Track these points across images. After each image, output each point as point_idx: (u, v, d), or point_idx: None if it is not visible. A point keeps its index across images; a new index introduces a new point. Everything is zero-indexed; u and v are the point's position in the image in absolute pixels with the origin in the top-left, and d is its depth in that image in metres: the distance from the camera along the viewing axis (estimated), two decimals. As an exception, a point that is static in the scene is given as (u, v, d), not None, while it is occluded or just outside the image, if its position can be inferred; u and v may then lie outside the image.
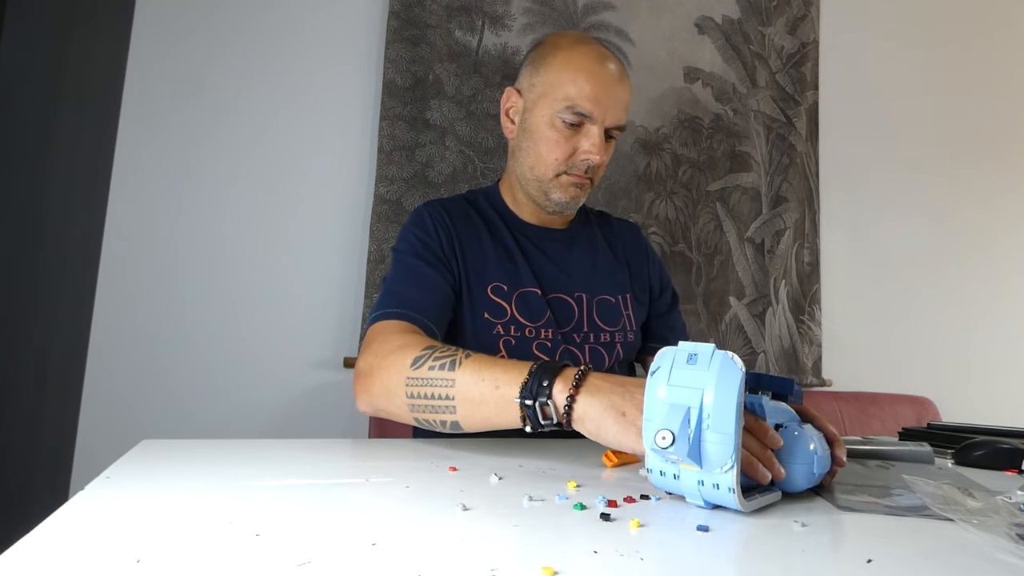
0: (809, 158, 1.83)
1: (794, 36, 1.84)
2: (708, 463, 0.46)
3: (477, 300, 0.92)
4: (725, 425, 0.45)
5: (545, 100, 0.91)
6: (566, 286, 0.97)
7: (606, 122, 0.90)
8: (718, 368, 0.47)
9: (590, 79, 0.88)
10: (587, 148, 0.89)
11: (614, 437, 0.56)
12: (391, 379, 0.72)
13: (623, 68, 0.93)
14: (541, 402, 0.60)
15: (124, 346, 1.36)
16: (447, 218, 0.95)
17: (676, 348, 0.50)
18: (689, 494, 0.49)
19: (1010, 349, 1.95)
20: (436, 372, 0.68)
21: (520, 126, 0.96)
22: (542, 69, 0.93)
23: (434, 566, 0.34)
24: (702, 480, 0.47)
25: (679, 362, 0.49)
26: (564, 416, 0.59)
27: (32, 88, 1.08)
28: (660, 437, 0.46)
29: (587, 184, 0.94)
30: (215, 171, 1.44)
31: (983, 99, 2.00)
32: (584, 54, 0.91)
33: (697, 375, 0.47)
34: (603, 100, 0.89)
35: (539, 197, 0.96)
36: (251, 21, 1.49)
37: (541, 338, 0.92)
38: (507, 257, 0.96)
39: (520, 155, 0.96)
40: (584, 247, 1.02)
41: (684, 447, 0.46)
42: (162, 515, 0.42)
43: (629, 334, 0.99)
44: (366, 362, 0.76)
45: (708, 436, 0.46)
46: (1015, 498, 0.48)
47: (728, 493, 0.46)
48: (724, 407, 0.46)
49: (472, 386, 0.65)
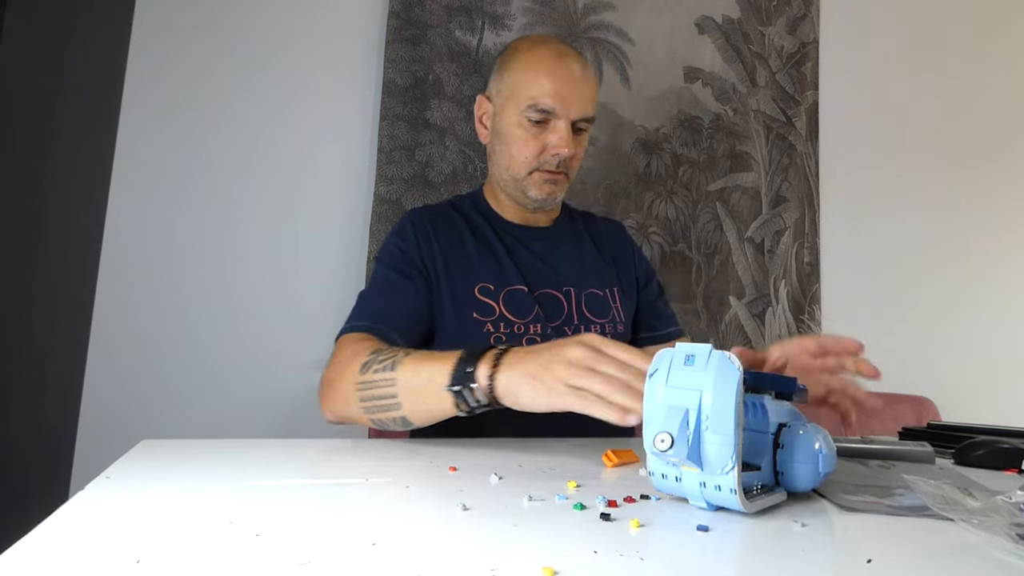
0: (809, 158, 1.83)
1: (794, 36, 1.84)
2: (708, 465, 0.46)
3: (465, 301, 0.95)
4: (724, 426, 0.45)
5: (511, 102, 0.95)
6: (553, 281, 1.00)
7: (571, 115, 0.93)
8: (715, 368, 0.46)
9: (550, 76, 0.92)
10: (555, 143, 0.93)
11: (531, 401, 0.59)
12: (344, 386, 0.76)
13: (584, 62, 0.97)
14: (468, 386, 0.63)
15: (124, 346, 1.36)
16: (429, 226, 0.99)
17: (673, 349, 0.49)
18: (691, 496, 0.49)
19: (1010, 349, 1.95)
20: (380, 374, 0.72)
21: (492, 130, 1.00)
22: (506, 74, 0.98)
23: (434, 566, 0.34)
24: (703, 482, 0.47)
25: (677, 363, 0.48)
26: (489, 395, 0.62)
27: (32, 88, 1.08)
28: (659, 440, 0.45)
29: (562, 178, 0.97)
30: (215, 171, 1.44)
31: (983, 99, 2.00)
32: (542, 54, 0.95)
33: (695, 376, 0.47)
34: (565, 95, 0.92)
35: (518, 196, 1.00)
36: (251, 21, 1.49)
37: (531, 334, 0.94)
38: (492, 257, 0.99)
39: (495, 158, 1.00)
40: (570, 243, 1.06)
41: (683, 449, 0.45)
42: (162, 515, 0.42)
43: (619, 325, 1.01)
44: (326, 374, 0.82)
45: (708, 437, 0.46)
46: (1015, 498, 0.48)
47: (730, 494, 0.46)
48: (723, 408, 0.45)
49: (411, 382, 0.69)
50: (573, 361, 0.58)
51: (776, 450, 0.51)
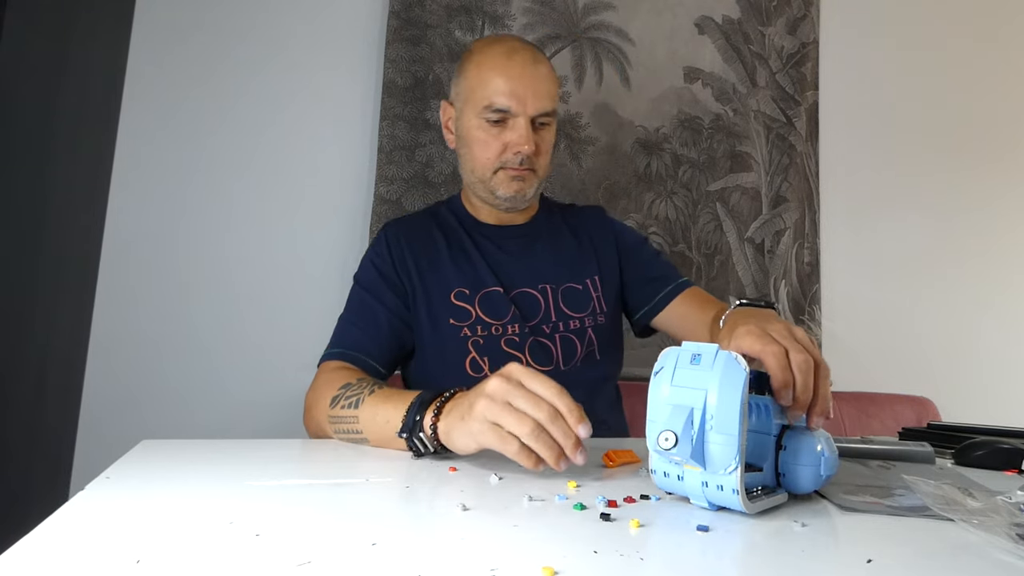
0: (809, 158, 1.83)
1: (794, 36, 1.84)
2: (712, 464, 0.46)
3: (440, 308, 0.96)
4: (729, 426, 0.45)
5: (468, 105, 0.96)
6: (529, 280, 1.00)
7: (529, 112, 0.93)
8: (721, 368, 0.46)
9: (501, 75, 0.92)
10: (515, 141, 0.93)
11: (462, 443, 0.59)
12: (319, 416, 0.81)
13: (538, 57, 0.96)
14: (417, 434, 0.64)
15: (124, 346, 1.36)
16: (403, 239, 1.01)
17: (680, 348, 0.49)
18: (693, 495, 0.49)
19: (1011, 349, 1.95)
20: (346, 411, 0.75)
21: (457, 135, 1.01)
22: (461, 77, 0.98)
23: (434, 566, 0.34)
24: (706, 481, 0.47)
25: (683, 362, 0.48)
26: (434, 442, 0.63)
27: (32, 88, 1.08)
28: (663, 438, 0.45)
29: (529, 175, 0.97)
30: (215, 171, 1.44)
31: (984, 99, 2.00)
32: (494, 53, 0.95)
33: (700, 375, 0.47)
34: (519, 92, 0.92)
35: (488, 197, 1.00)
36: (251, 21, 1.49)
37: (509, 334, 0.95)
38: (466, 261, 1.00)
39: (463, 161, 1.01)
40: (547, 240, 1.05)
41: (687, 448, 0.45)
42: (162, 515, 0.42)
43: (599, 317, 1.01)
44: (307, 398, 0.86)
45: (712, 437, 0.46)
46: (1015, 498, 0.48)
47: (732, 495, 0.46)
48: (728, 408, 0.45)
49: (370, 422, 0.71)
50: (490, 394, 0.57)
51: (779, 451, 0.51)
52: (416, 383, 1.00)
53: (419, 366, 0.99)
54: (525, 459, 0.55)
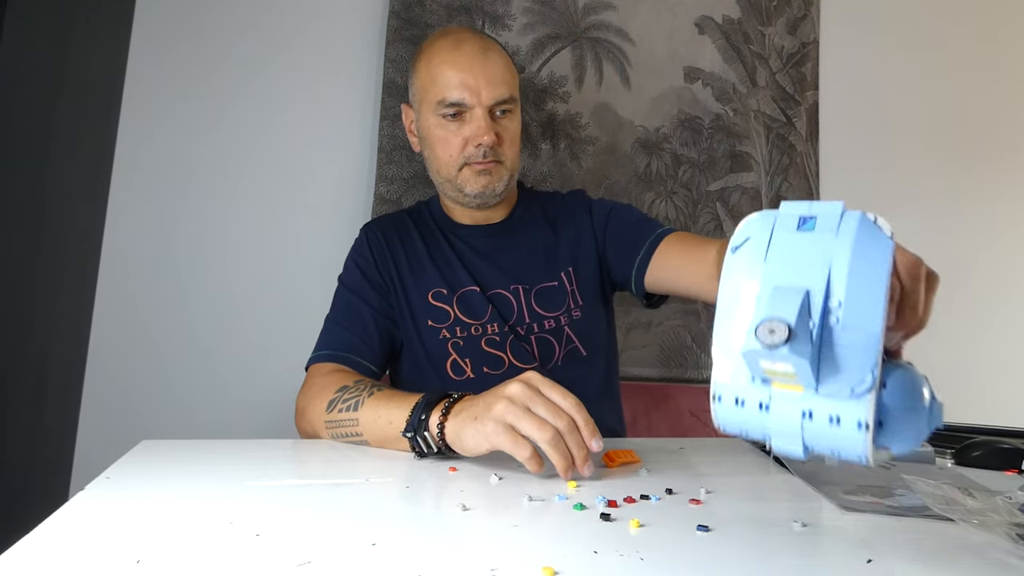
0: (809, 158, 1.83)
1: (794, 36, 1.84)
2: (833, 379, 0.30)
3: (419, 309, 0.95)
4: (867, 320, 0.29)
5: (424, 104, 0.94)
6: (502, 281, 0.98)
7: (484, 102, 0.90)
8: (853, 234, 0.31)
9: (451, 68, 0.89)
10: (474, 133, 0.90)
11: (473, 443, 0.59)
12: (315, 421, 0.79)
13: (488, 44, 0.93)
14: (422, 433, 0.63)
15: (124, 346, 1.36)
16: (383, 238, 1.00)
17: (775, 211, 0.34)
18: (778, 435, 0.33)
19: (1011, 349, 1.95)
20: (344, 414, 0.74)
21: (419, 136, 0.99)
22: (414, 76, 0.96)
23: (434, 566, 0.34)
24: (809, 410, 0.31)
25: (784, 226, 0.32)
26: (440, 442, 0.62)
27: (32, 88, 1.08)
28: (767, 330, 0.29)
29: (496, 167, 0.93)
30: (215, 171, 1.44)
31: (984, 99, 2.00)
32: (440, 48, 0.92)
33: (818, 244, 0.32)
34: (471, 83, 0.89)
35: (458, 196, 0.97)
36: (251, 21, 1.49)
37: (488, 334, 0.94)
38: (444, 261, 0.98)
39: (428, 164, 0.99)
40: (522, 236, 1.02)
41: (806, 347, 0.30)
42: (162, 515, 0.42)
43: (575, 312, 0.97)
44: (299, 403, 0.85)
45: (840, 337, 0.30)
46: (1015, 498, 0.48)
47: (857, 430, 0.31)
48: (866, 292, 0.30)
49: (371, 424, 0.70)
50: (511, 396, 0.58)
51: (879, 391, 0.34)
52: (405, 382, 0.99)
53: (407, 365, 0.98)
54: (534, 465, 0.56)
